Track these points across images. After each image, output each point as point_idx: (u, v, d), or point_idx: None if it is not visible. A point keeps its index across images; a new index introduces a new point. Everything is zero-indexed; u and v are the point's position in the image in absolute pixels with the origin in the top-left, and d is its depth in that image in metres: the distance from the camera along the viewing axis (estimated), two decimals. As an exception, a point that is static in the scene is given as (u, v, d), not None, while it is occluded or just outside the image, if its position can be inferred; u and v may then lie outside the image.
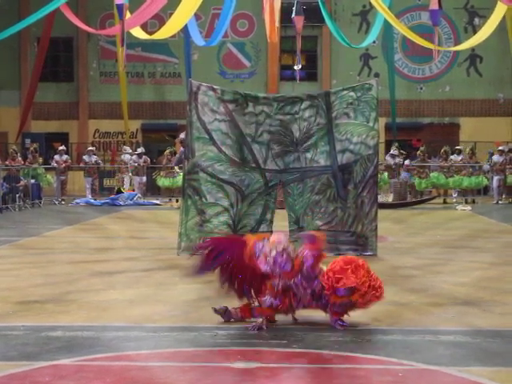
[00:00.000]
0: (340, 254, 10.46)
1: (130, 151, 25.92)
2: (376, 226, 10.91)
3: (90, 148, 26.40)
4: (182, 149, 11.23)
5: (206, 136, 10.87)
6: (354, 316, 6.81)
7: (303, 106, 11.02)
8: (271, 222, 11.04)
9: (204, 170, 10.85)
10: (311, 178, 10.98)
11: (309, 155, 10.97)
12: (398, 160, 24.00)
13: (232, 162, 10.88)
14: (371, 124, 10.90)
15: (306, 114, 10.99)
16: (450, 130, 31.28)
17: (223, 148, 10.87)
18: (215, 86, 11.17)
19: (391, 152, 24.45)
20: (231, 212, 10.81)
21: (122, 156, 26.18)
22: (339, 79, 30.10)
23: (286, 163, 10.98)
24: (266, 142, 10.97)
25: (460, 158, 24.07)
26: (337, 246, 10.64)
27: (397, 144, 25.49)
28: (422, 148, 24.62)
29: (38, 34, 29.79)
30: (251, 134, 10.96)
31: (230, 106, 10.93)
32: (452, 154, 24.37)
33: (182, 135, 11.59)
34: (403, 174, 23.51)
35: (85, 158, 25.28)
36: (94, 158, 25.12)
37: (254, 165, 10.96)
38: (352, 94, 11.00)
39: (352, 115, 10.94)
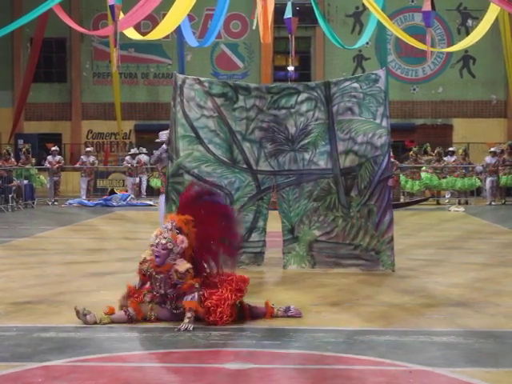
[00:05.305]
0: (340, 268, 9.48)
1: (147, 152, 25.72)
2: (391, 237, 9.51)
3: (88, 149, 26.33)
4: (164, 146, 10.81)
5: (193, 134, 9.65)
6: (347, 316, 6.81)
7: (300, 99, 9.73)
8: (264, 230, 9.74)
9: (189, 171, 9.56)
10: (309, 182, 9.67)
11: (307, 156, 9.69)
12: (392, 160, 24.00)
13: (220, 163, 9.70)
14: (378, 121, 9.57)
15: (304, 107, 9.72)
16: (443, 131, 31.35)
17: (211, 147, 9.66)
18: (202, 79, 9.93)
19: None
20: None
21: (140, 156, 25.81)
22: (332, 80, 30.09)
23: (281, 164, 9.71)
24: (257, 140, 9.73)
25: (453, 159, 24.11)
26: (337, 261, 9.59)
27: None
28: (414, 149, 24.68)
29: (31, 35, 29.75)
30: (241, 131, 9.72)
31: (219, 101, 9.70)
32: (445, 155, 24.41)
33: (164, 136, 11.11)
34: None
35: (83, 157, 25.22)
36: (91, 159, 25.04)
37: (244, 166, 9.72)
38: (356, 85, 9.67)
39: (357, 111, 9.62)
